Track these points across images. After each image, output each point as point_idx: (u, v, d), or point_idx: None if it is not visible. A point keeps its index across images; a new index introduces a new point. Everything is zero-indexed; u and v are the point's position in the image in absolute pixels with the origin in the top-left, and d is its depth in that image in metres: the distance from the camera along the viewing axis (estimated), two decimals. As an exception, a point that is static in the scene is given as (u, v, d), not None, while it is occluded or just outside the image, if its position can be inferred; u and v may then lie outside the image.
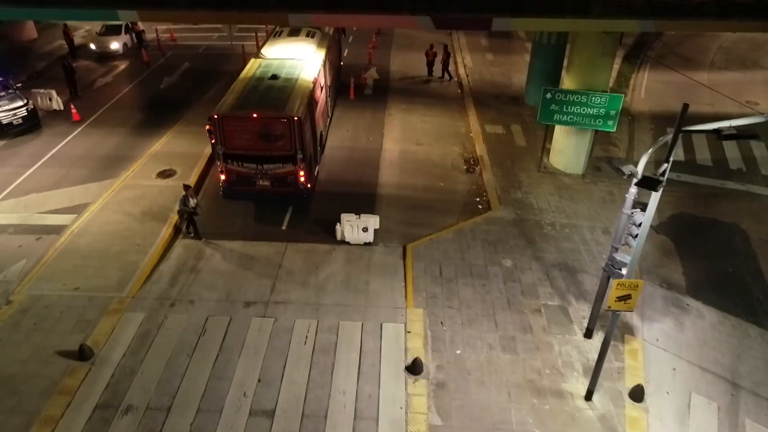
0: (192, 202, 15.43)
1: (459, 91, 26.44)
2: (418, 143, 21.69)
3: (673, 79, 28.29)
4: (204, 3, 14.17)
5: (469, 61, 29.32)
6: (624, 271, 11.45)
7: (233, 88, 17.35)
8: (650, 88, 27.34)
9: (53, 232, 16.35)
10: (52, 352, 12.37)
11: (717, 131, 9.01)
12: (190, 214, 15.58)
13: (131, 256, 15.34)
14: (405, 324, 13.30)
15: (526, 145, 21.54)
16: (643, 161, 10.39)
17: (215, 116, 15.75)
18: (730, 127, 9.04)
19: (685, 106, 9.02)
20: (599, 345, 12.79)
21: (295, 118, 15.65)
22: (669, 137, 10.10)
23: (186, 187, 15.50)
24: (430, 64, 27.39)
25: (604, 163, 20.24)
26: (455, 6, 13.55)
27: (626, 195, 10.92)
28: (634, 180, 10.37)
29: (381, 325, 13.27)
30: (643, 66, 30.03)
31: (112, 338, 12.81)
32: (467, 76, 27.79)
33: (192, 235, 16.06)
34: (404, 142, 21.72)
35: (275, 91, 16.86)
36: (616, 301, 9.89)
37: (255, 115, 15.64)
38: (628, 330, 13.40)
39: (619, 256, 11.40)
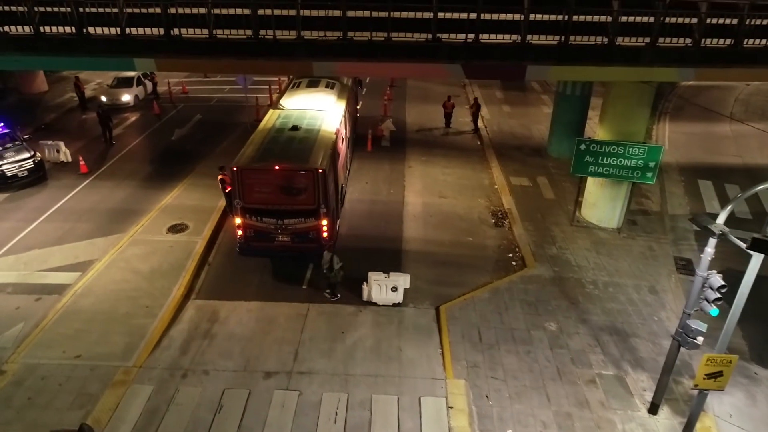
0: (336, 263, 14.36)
1: (479, 143, 25.73)
2: (442, 196, 20.71)
3: (694, 130, 27.71)
4: (227, 51, 13.44)
5: (486, 113, 28.80)
6: (700, 340, 10.16)
7: (252, 140, 16.48)
8: (673, 140, 26.65)
9: (54, 292, 15.08)
10: (47, 433, 10.87)
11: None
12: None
13: (139, 320, 14.01)
14: (446, 398, 11.83)
15: (555, 198, 20.55)
16: (722, 217, 9.27)
17: (234, 168, 14.78)
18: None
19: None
20: (667, 423, 11.39)
21: (319, 171, 14.69)
22: (747, 193, 9.06)
23: (331, 247, 14.84)
24: (447, 116, 26.84)
25: (689, 218, 19.11)
26: (495, 53, 12.81)
27: (701, 255, 9.80)
28: (712, 239, 9.23)
29: (419, 399, 11.80)
30: (663, 117, 29.51)
31: (116, 416, 11.31)
32: (485, 127, 27.18)
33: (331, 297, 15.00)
34: (427, 195, 20.74)
35: (297, 142, 15.99)
36: (705, 378, 8.56)
37: (277, 168, 14.68)
38: (696, 404, 11.90)
39: (694, 324, 10.14)
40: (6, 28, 12.94)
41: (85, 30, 12.83)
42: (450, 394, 11.93)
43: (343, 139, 18.81)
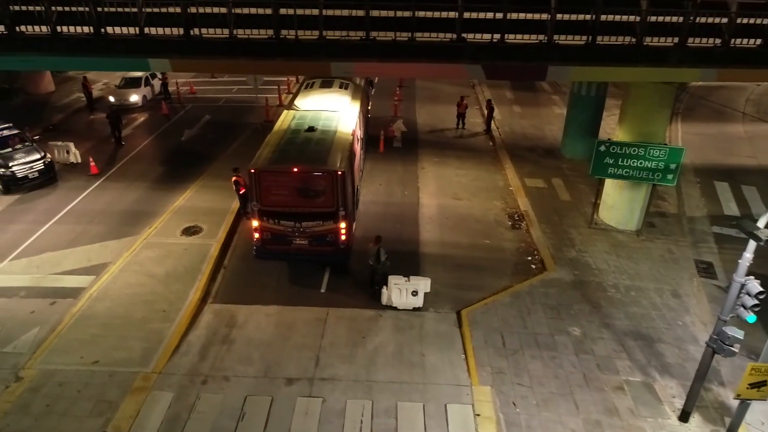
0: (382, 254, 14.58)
1: (491, 144, 25.51)
2: (456, 197, 20.48)
3: (707, 131, 27.50)
4: (247, 51, 13.20)
5: (497, 114, 28.54)
6: (736, 348, 9.93)
7: (268, 141, 16.24)
8: (687, 141, 26.40)
9: (69, 296, 14.85)
10: (67, 442, 10.65)
11: None
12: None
13: (156, 324, 13.78)
14: (472, 405, 11.60)
15: (571, 200, 20.32)
16: (763, 222, 9.04)
17: (252, 170, 14.55)
18: None
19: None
20: (698, 431, 11.12)
21: (339, 173, 14.45)
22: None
23: (378, 239, 14.84)
24: (460, 116, 26.60)
25: (733, 222, 18.80)
26: (520, 54, 12.58)
27: (739, 261, 9.54)
28: (753, 244, 9.00)
29: (445, 406, 11.57)
30: (675, 118, 29.26)
31: (137, 423, 11.08)
32: (497, 128, 26.95)
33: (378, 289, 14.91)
34: (441, 197, 20.52)
35: (314, 143, 15.75)
36: (748, 388, 8.33)
37: (295, 170, 14.45)
38: (726, 411, 11.71)
39: (730, 331, 9.91)
40: (23, 28, 12.70)
41: (103, 30, 12.59)
42: (476, 401, 11.70)
43: (358, 140, 18.58)
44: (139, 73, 29.44)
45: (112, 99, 28.78)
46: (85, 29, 12.72)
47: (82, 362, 12.57)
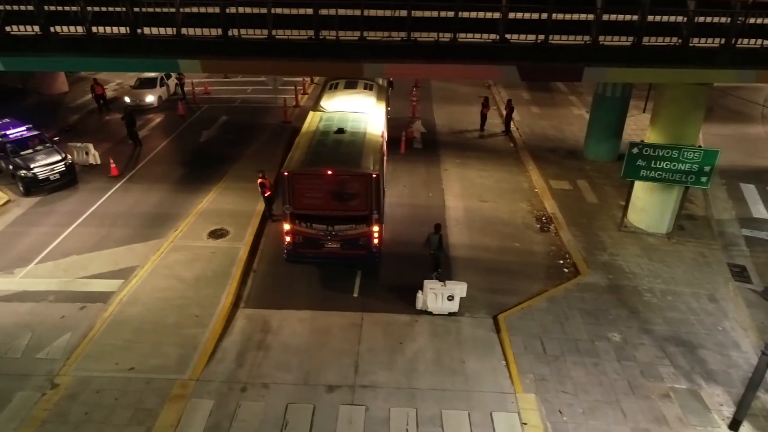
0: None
1: (512, 145, 25.29)
2: (482, 200, 20.26)
3: (727, 132, 27.27)
4: (284, 52, 12.98)
5: (515, 114, 28.31)
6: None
7: (298, 143, 16.04)
8: (708, 142, 26.09)
9: (98, 300, 14.65)
10: (109, 451, 10.45)
11: None
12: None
13: (189, 329, 13.57)
14: (518, 413, 11.39)
15: (598, 202, 20.10)
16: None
17: (285, 173, 14.35)
18: None
19: None
20: (750, 440, 10.90)
21: (373, 176, 14.26)
22: None
23: (438, 227, 15.31)
24: (484, 117, 26.37)
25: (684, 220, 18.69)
26: (563, 55, 12.36)
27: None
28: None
29: (491, 414, 11.36)
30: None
31: (179, 432, 10.88)
32: (517, 129, 26.73)
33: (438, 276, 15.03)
34: (467, 199, 20.30)
35: (344, 146, 15.54)
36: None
37: (330, 172, 14.24)
38: (775, 419, 11.50)
39: (789, 338, 9.67)
40: (57, 29, 12.47)
41: (139, 31, 12.37)
42: (521, 409, 11.50)
43: (385, 141, 18.37)
44: (154, 74, 29.19)
45: (127, 100, 28.55)
46: (120, 30, 12.49)
47: (118, 369, 12.36)
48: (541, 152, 24.25)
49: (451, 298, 14.07)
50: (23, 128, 20.96)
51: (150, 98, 28.83)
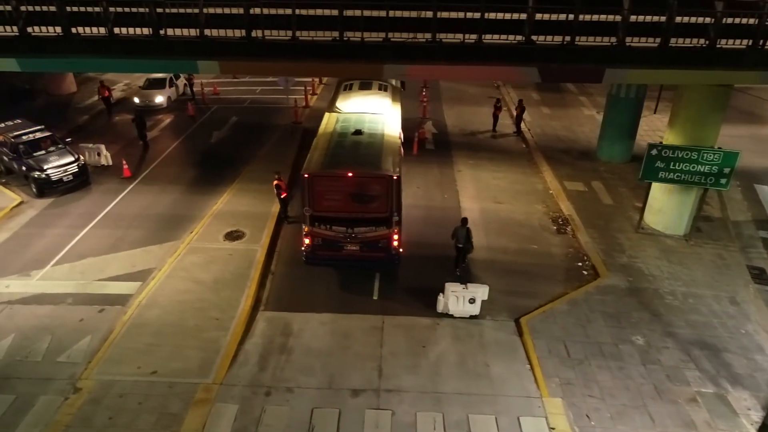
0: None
1: (524, 146, 25.20)
2: (497, 201, 20.17)
3: (739, 133, 27.09)
4: (300, 53, 12.88)
5: (526, 115, 28.22)
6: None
7: (316, 145, 15.95)
8: (720, 142, 25.88)
9: (117, 303, 14.56)
10: (135, 457, 10.36)
11: None
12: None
13: (210, 333, 13.48)
14: (545, 418, 11.31)
15: (614, 203, 20.02)
16: None
17: (305, 175, 14.25)
18: None
19: None
20: (781, 445, 10.80)
21: (394, 177, 14.17)
22: None
23: (465, 221, 15.54)
24: (496, 118, 26.29)
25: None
26: (589, 56, 12.27)
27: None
28: None
29: (518, 419, 11.27)
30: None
31: (205, 437, 10.79)
32: (528, 130, 26.64)
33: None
34: (482, 200, 20.21)
35: (363, 147, 15.45)
36: None
37: (350, 174, 14.15)
38: (804, 424, 11.39)
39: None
40: (79, 30, 12.37)
41: (162, 31, 12.28)
42: (549, 413, 11.41)
43: (402, 142, 18.29)
44: (163, 74, 29.08)
45: (137, 100, 28.45)
46: (142, 31, 12.39)
47: (140, 372, 12.27)
48: (553, 153, 24.15)
49: (472, 301, 13.99)
50: (35, 129, 20.83)
51: (159, 99, 28.72)
